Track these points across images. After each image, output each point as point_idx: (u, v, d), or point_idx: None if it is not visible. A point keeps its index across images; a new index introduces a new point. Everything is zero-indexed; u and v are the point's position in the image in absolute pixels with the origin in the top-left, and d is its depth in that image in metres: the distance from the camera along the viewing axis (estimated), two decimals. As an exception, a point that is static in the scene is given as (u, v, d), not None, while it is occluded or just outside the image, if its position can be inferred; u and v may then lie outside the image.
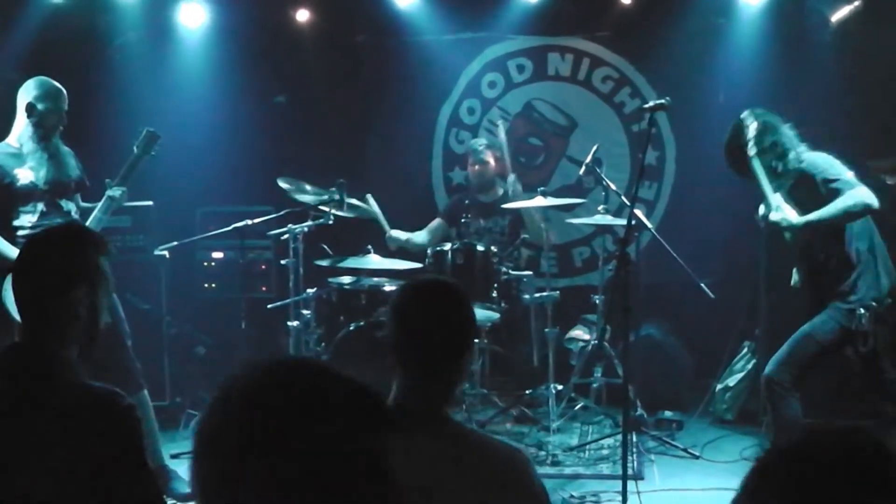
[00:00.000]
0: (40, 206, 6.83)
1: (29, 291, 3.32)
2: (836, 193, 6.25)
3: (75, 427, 3.08)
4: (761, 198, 6.53)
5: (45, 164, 6.88)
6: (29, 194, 6.82)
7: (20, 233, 6.72)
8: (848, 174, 6.33)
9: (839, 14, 9.13)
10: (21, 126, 6.96)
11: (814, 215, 6.30)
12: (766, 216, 6.49)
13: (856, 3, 9.00)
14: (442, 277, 3.97)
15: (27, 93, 6.96)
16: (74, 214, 7.05)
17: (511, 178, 9.06)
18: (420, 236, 9.17)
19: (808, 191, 6.40)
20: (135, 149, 7.11)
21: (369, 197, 8.73)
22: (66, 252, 3.38)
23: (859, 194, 6.22)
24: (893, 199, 8.47)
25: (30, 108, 6.90)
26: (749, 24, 9.45)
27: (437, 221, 9.41)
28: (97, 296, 3.41)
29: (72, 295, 3.32)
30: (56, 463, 3.02)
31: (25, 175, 6.82)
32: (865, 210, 6.27)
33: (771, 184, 6.45)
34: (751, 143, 6.46)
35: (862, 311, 6.37)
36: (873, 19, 8.96)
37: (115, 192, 6.97)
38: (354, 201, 8.25)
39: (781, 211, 6.37)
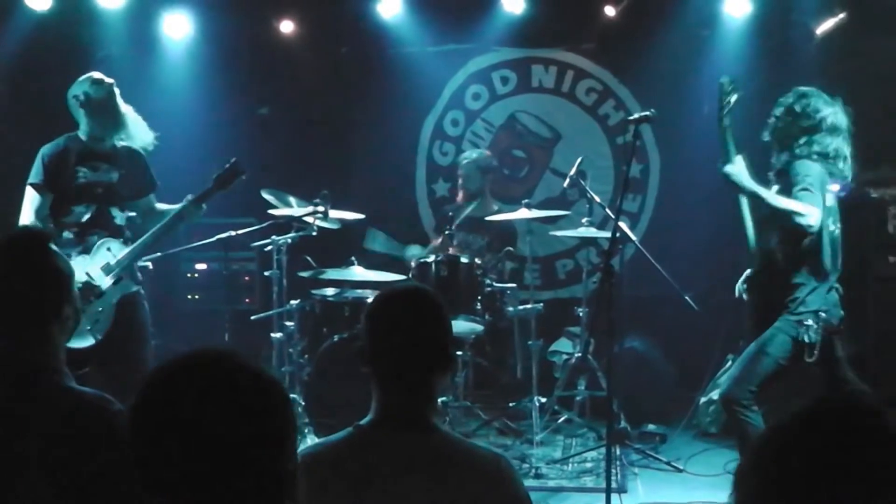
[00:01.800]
0: (92, 209, 6.74)
1: (18, 303, 3.29)
2: (796, 197, 6.15)
3: (67, 433, 3.07)
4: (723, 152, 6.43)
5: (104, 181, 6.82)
6: (86, 193, 6.74)
7: (66, 234, 6.66)
8: (820, 194, 6.27)
9: (824, 26, 9.15)
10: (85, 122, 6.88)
11: (761, 189, 6.21)
12: (722, 167, 6.36)
13: (840, 16, 9.02)
14: (418, 285, 3.95)
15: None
16: (122, 223, 6.96)
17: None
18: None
19: (783, 188, 6.35)
20: (213, 179, 7.00)
21: (372, 232, 8.70)
22: (52, 264, 3.37)
23: (808, 210, 6.04)
24: (876, 212, 8.49)
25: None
26: (733, 36, 9.48)
27: (433, 242, 9.37)
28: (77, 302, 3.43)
29: (65, 311, 3.33)
30: (49, 469, 3.02)
31: (85, 175, 6.76)
32: (797, 224, 6.09)
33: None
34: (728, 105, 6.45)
35: (811, 322, 6.33)
36: (858, 31, 8.98)
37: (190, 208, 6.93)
38: (341, 212, 8.18)
39: (737, 167, 6.32)
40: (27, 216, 6.63)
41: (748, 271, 6.76)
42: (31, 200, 6.68)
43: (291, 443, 2.08)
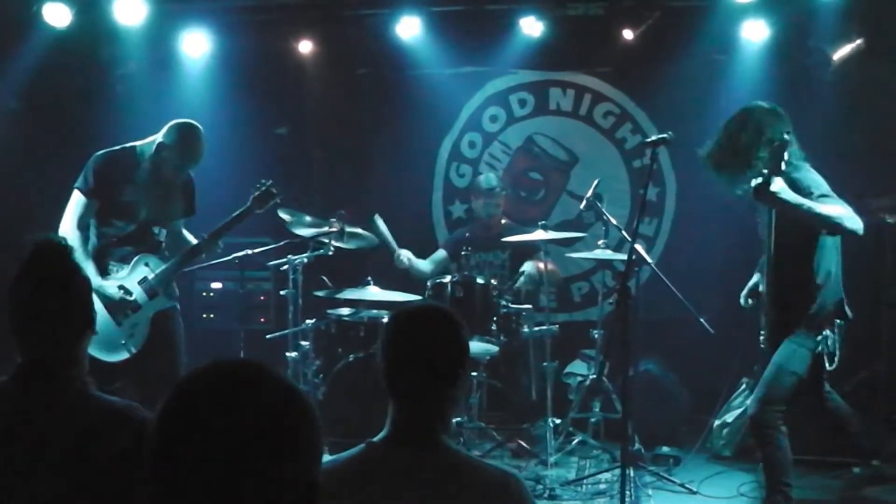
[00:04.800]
0: (132, 227, 6.77)
1: (47, 315, 3.31)
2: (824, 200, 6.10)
3: (95, 441, 3.10)
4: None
5: (148, 206, 6.81)
6: (128, 212, 6.75)
7: (102, 242, 6.72)
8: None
9: (841, 52, 9.15)
10: (149, 149, 6.88)
11: (794, 196, 6.02)
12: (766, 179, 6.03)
13: (858, 42, 9.02)
14: (435, 304, 3.96)
15: (170, 132, 6.87)
16: (163, 239, 6.99)
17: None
18: (423, 263, 9.18)
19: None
20: (249, 201, 7.08)
21: (377, 218, 8.72)
22: (78, 278, 3.40)
23: (848, 213, 6.03)
24: (892, 238, 8.47)
25: (158, 148, 6.83)
26: (750, 61, 9.48)
27: (440, 252, 9.42)
28: None
29: (90, 323, 3.36)
30: (77, 476, 3.04)
31: (132, 193, 6.76)
32: (842, 229, 6.09)
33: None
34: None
35: (828, 333, 6.34)
36: (875, 58, 8.98)
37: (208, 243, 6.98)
38: (358, 230, 8.23)
39: (779, 183, 6.02)
40: (69, 219, 6.65)
41: (755, 284, 6.81)
42: (75, 205, 6.70)
43: (316, 454, 2.07)
